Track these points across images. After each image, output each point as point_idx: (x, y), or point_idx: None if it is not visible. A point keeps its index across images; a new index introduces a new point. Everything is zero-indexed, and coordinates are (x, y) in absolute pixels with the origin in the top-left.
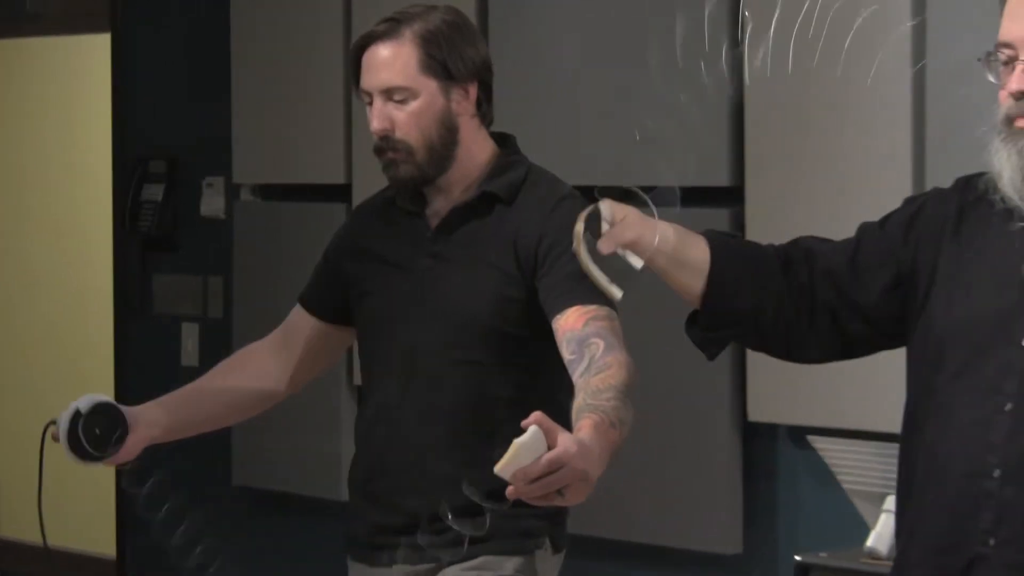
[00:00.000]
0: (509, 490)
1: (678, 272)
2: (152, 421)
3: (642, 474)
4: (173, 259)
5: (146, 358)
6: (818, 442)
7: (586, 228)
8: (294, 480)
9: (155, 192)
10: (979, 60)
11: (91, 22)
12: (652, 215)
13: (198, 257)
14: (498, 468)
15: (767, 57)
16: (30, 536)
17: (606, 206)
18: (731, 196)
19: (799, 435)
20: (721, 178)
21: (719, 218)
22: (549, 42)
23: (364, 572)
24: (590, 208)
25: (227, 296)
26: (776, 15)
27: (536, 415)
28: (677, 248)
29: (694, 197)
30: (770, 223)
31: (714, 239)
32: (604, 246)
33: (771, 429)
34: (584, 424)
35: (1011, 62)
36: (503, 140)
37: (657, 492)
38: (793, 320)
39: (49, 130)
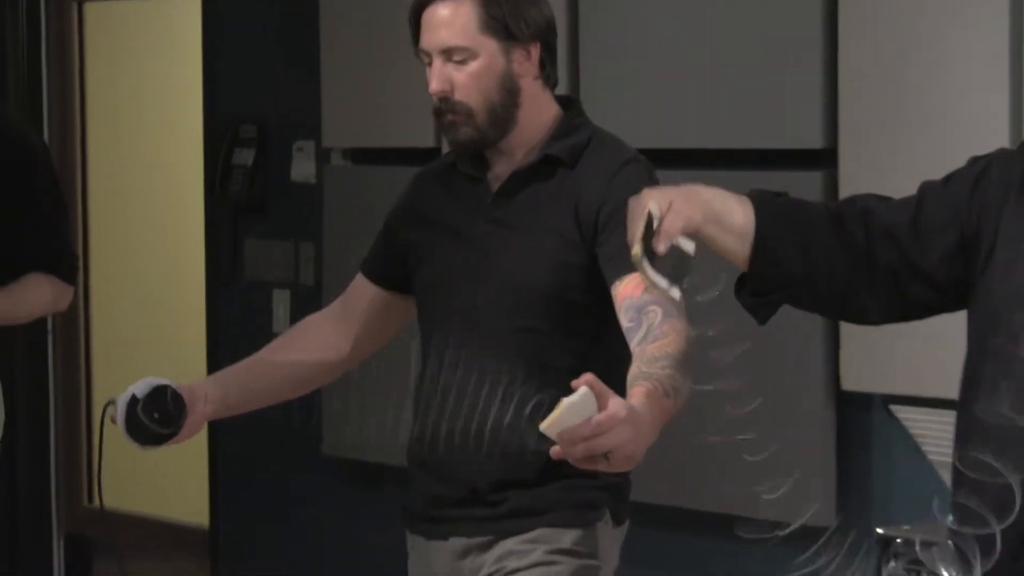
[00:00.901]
0: (554, 449)
1: (724, 238)
2: (211, 397)
3: (733, 443)
4: (264, 225)
5: (238, 325)
6: (902, 412)
7: (643, 239)
8: (385, 450)
9: (246, 157)
10: None
11: None
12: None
13: (289, 223)
14: (544, 426)
15: (861, 15)
16: (129, 506)
17: (653, 204)
18: (824, 159)
19: (895, 404)
20: (814, 140)
21: (811, 181)
22: (643, 5)
23: (421, 545)
24: (643, 220)
25: (318, 262)
26: None
27: (587, 376)
28: (721, 213)
29: (786, 160)
30: (864, 186)
31: (759, 200)
32: (660, 245)
33: (865, 398)
34: (637, 391)
35: None
36: (568, 103)
37: (748, 463)
38: (848, 281)
39: (142, 94)
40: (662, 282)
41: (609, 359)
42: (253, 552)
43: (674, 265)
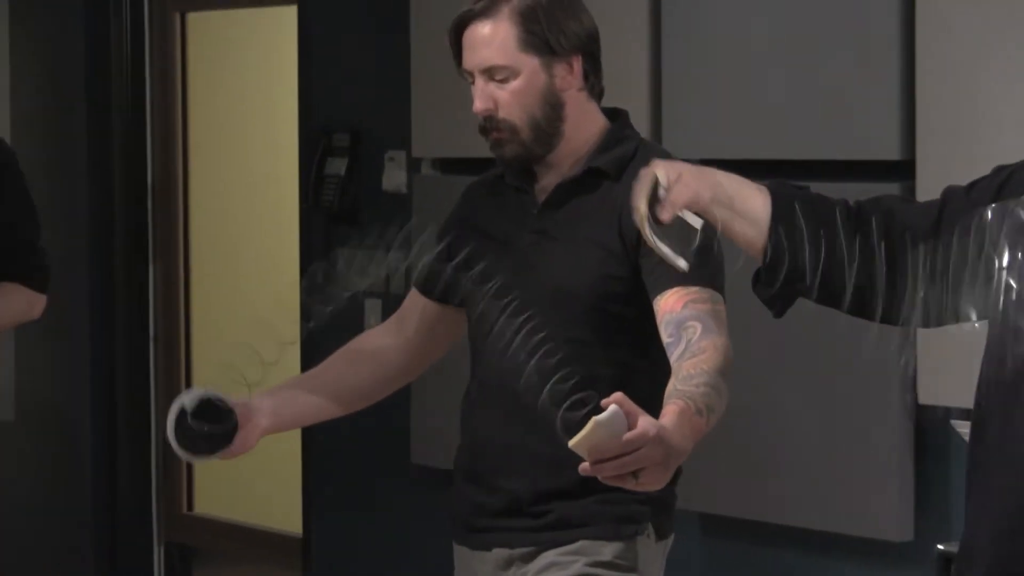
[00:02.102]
0: (582, 466)
1: (738, 223)
2: (266, 411)
3: (810, 457)
4: (356, 234)
5: (330, 334)
6: (962, 426)
7: (648, 203)
8: None
9: (338, 166)
10: None
11: None
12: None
13: (380, 232)
14: (573, 443)
15: (938, 25)
16: (222, 513)
17: (661, 171)
18: (902, 170)
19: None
20: (892, 151)
21: (889, 192)
22: (721, 16)
23: (466, 556)
24: (650, 184)
25: (408, 271)
26: None
27: (617, 395)
28: (735, 198)
29: (863, 171)
30: None
31: (777, 191)
32: (664, 214)
33: (943, 413)
34: (669, 410)
35: None
36: (614, 115)
37: (825, 476)
38: (865, 280)
39: (242, 103)
40: (665, 249)
41: (653, 371)
42: (345, 560)
43: (680, 237)
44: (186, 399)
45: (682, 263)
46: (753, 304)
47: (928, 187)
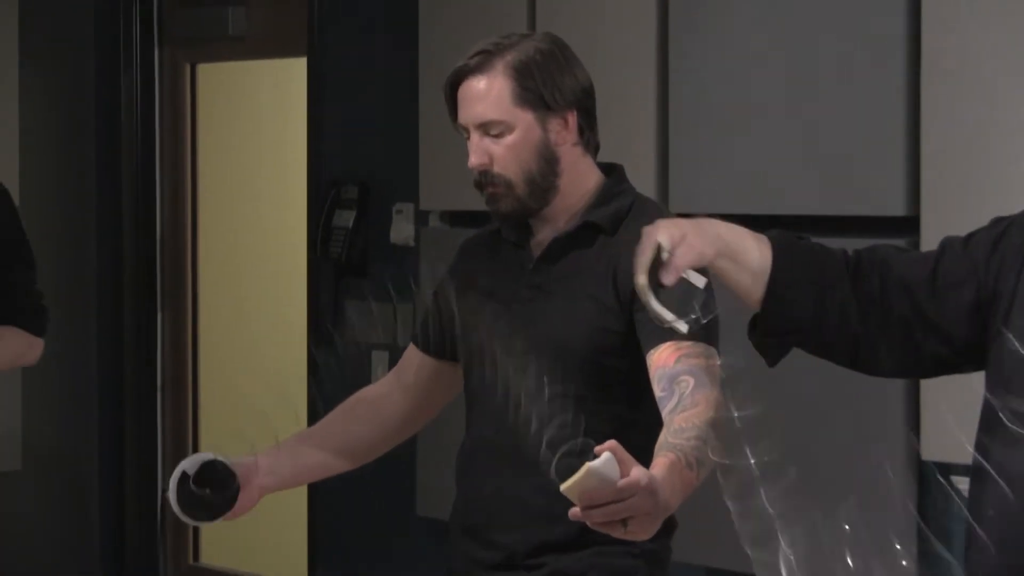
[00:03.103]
0: (572, 511)
1: (738, 275)
2: (267, 470)
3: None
4: (363, 286)
5: (337, 385)
6: (964, 483)
7: (649, 271)
8: None
9: (346, 218)
10: None
11: (290, 46)
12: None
13: (387, 284)
14: (565, 487)
15: (944, 81)
16: (229, 564)
17: (663, 235)
18: (906, 226)
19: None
20: (896, 207)
21: None
22: (729, 70)
23: None
24: (651, 252)
25: (415, 324)
26: (955, 39)
27: (611, 443)
28: (736, 251)
29: (868, 227)
30: None
31: (777, 241)
32: (667, 278)
33: (946, 468)
34: (659, 462)
35: None
36: (610, 169)
37: (828, 530)
38: (861, 331)
39: (251, 154)
40: (667, 315)
41: (647, 425)
42: None
43: (681, 299)
44: (187, 464)
45: (683, 327)
46: (752, 361)
47: (932, 243)
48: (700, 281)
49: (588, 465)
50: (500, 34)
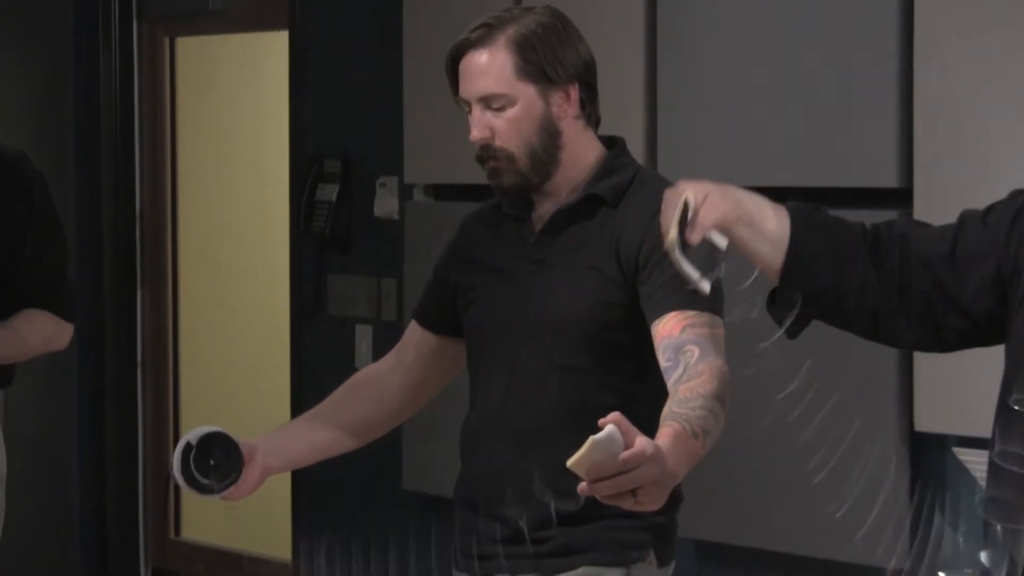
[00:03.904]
0: (581, 486)
1: (757, 243)
2: (269, 450)
3: (805, 484)
4: (347, 260)
5: (321, 360)
6: (964, 454)
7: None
8: None
9: (330, 192)
10: None
11: (271, 19)
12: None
13: (372, 258)
14: (571, 462)
15: (937, 54)
16: (211, 538)
17: (689, 192)
18: (899, 197)
19: (969, 446)
20: (889, 179)
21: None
22: (718, 43)
23: None
24: (680, 206)
25: (400, 298)
26: (948, 11)
27: (614, 415)
28: (756, 217)
29: (861, 199)
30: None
31: (796, 212)
32: (693, 236)
33: (939, 439)
34: (664, 432)
35: None
36: (611, 142)
37: (820, 503)
38: (880, 304)
39: (232, 128)
40: (693, 273)
41: (652, 398)
42: None
43: (705, 259)
44: (191, 435)
45: (706, 285)
46: (749, 329)
47: (925, 214)
48: (723, 242)
49: (592, 438)
50: (501, 8)
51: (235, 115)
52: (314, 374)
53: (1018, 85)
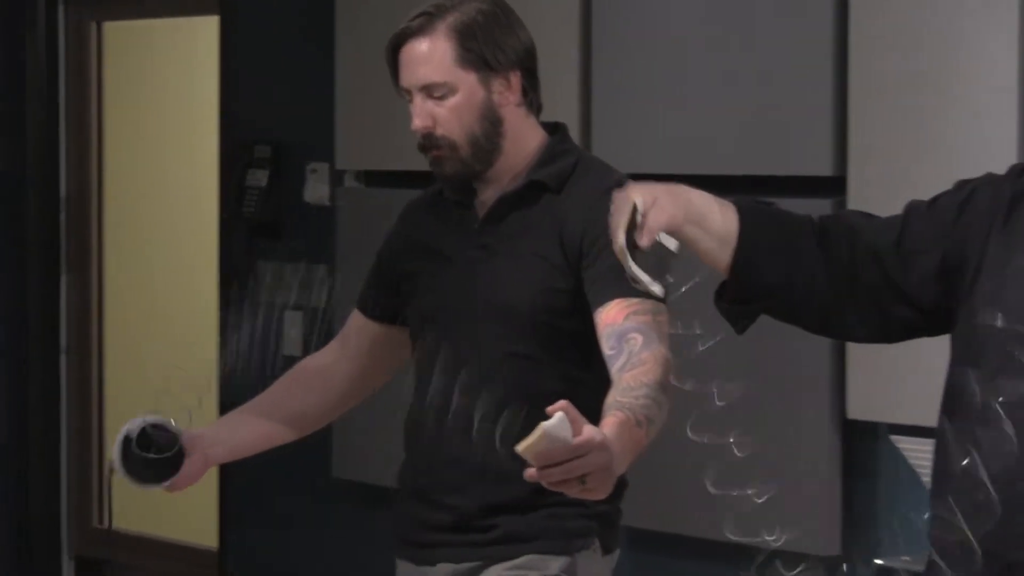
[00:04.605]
0: (528, 471)
1: (704, 240)
2: (211, 440)
3: (738, 470)
4: (277, 246)
5: (249, 347)
6: (902, 442)
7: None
8: (394, 473)
9: (260, 178)
10: None
11: (201, 3)
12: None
13: (302, 244)
14: (520, 448)
15: (871, 42)
16: (139, 527)
17: (637, 197)
18: (833, 186)
19: (901, 434)
20: (823, 167)
21: (820, 209)
22: (653, 31)
23: (410, 570)
24: (629, 211)
25: (331, 284)
26: (883, 2)
27: (562, 403)
28: (705, 216)
29: (795, 187)
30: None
31: (744, 207)
32: (643, 239)
33: (872, 427)
34: (608, 421)
35: None
36: (554, 128)
37: (753, 491)
38: (830, 297)
39: (160, 114)
40: (643, 276)
41: (597, 383)
42: (262, 574)
43: (656, 262)
44: (131, 426)
45: (657, 288)
46: (683, 317)
47: (859, 203)
48: (673, 244)
49: (542, 425)
50: None
51: (164, 100)
52: (242, 360)
53: (951, 75)
